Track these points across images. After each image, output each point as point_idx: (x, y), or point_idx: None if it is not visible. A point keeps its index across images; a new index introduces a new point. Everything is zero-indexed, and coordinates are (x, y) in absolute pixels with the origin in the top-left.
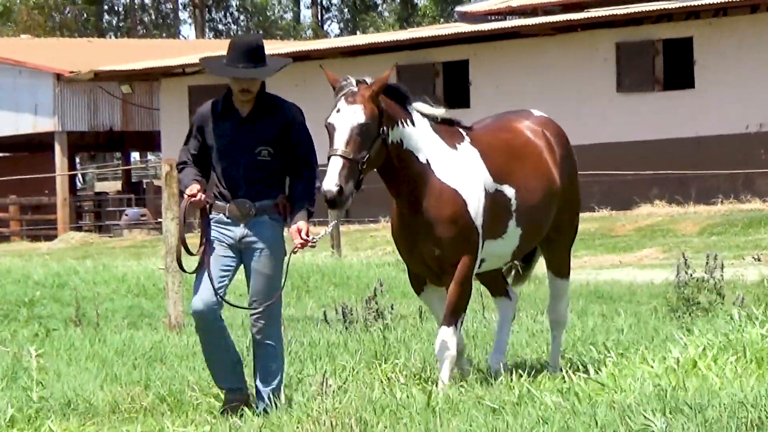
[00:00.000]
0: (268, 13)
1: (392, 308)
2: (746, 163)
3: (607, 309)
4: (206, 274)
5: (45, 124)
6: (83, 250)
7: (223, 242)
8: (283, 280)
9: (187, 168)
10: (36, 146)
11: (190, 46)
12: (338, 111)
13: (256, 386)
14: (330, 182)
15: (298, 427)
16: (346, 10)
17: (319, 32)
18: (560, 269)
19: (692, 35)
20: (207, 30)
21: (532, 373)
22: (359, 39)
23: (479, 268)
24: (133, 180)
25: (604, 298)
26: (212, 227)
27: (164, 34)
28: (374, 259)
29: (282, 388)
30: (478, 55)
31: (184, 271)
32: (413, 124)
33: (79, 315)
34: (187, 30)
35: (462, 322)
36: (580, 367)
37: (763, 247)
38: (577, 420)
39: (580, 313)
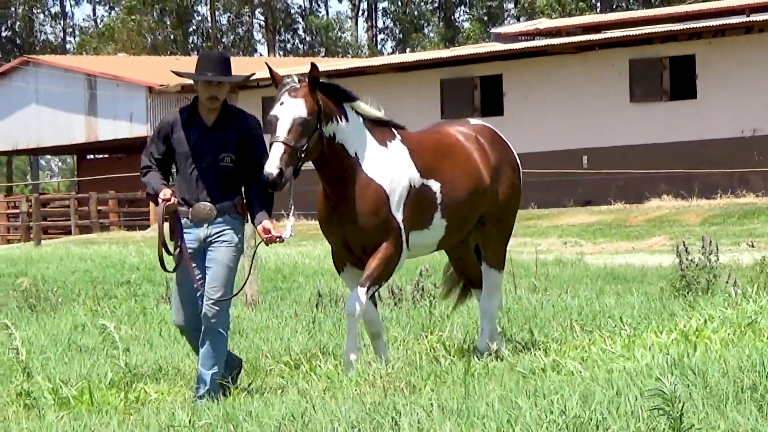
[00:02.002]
0: (330, 34)
1: (436, 287)
2: (742, 162)
3: (622, 289)
4: (183, 289)
5: (139, 129)
6: None
7: (191, 247)
8: (244, 273)
9: (152, 172)
10: (131, 149)
11: (263, 63)
12: (282, 104)
13: (199, 370)
14: (272, 165)
15: (356, 390)
16: (397, 30)
17: (374, 50)
18: (494, 260)
19: (695, 53)
20: (277, 49)
21: (558, 343)
22: (408, 56)
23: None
24: None
25: (618, 279)
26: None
27: (241, 53)
28: None
29: (221, 372)
30: (510, 71)
31: (165, 270)
32: (347, 120)
33: (168, 293)
34: (261, 48)
35: (376, 291)
36: (599, 338)
37: (757, 235)
38: (596, 384)
39: (598, 292)
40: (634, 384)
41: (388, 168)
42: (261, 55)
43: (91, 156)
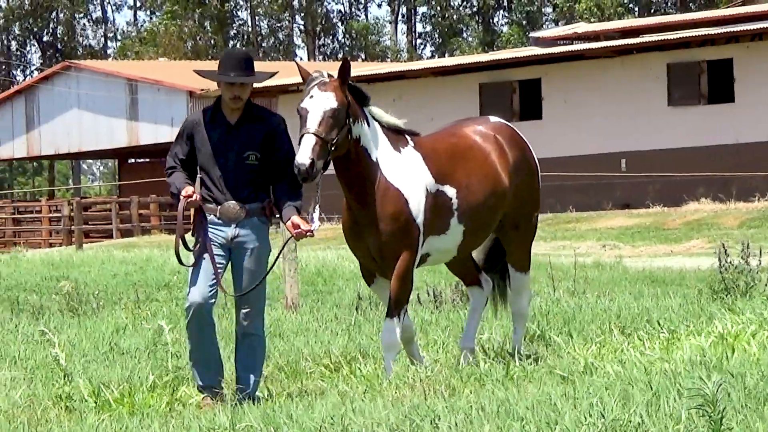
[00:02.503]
0: (369, 38)
1: None
2: None
3: (660, 291)
4: (201, 270)
5: None
6: None
7: (215, 242)
8: (267, 274)
9: (176, 172)
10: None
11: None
12: (311, 97)
13: (239, 376)
14: (304, 156)
15: (396, 392)
16: (436, 35)
17: (414, 54)
18: (519, 263)
19: (732, 57)
20: (317, 53)
21: (597, 345)
22: (448, 61)
23: (426, 262)
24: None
25: (657, 282)
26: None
27: (281, 57)
28: None
29: (260, 376)
30: (549, 74)
31: (182, 264)
32: (368, 124)
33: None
34: (301, 53)
35: (405, 312)
36: (637, 340)
37: None
38: (635, 387)
39: (636, 295)
40: (673, 386)
41: (405, 173)
42: (301, 59)
43: (132, 160)
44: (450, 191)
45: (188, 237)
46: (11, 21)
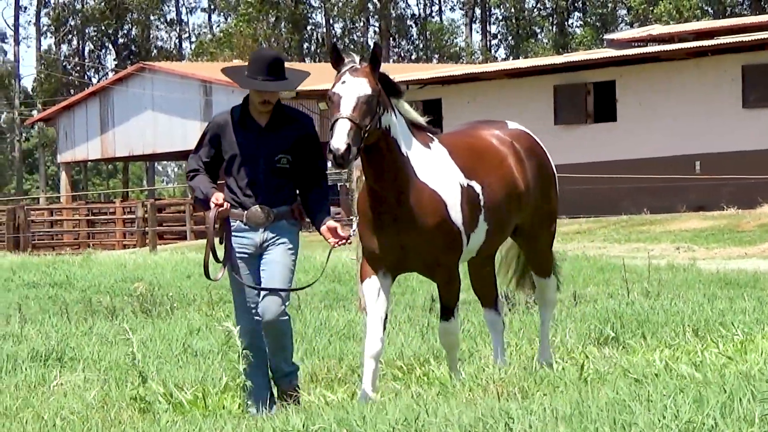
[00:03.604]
0: (443, 40)
1: None
2: None
3: (734, 294)
4: (243, 298)
5: None
6: None
7: (245, 252)
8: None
9: (200, 175)
10: None
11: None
12: (344, 82)
13: (275, 367)
14: (339, 141)
15: (469, 394)
16: (510, 37)
17: (488, 56)
18: (541, 268)
19: None
20: (391, 54)
21: (671, 348)
22: (522, 62)
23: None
24: (329, 182)
25: (731, 284)
26: (233, 235)
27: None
28: None
29: (297, 384)
30: (623, 76)
31: (209, 278)
32: (396, 116)
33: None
34: None
35: (458, 309)
36: (711, 342)
37: None
38: (708, 389)
39: (710, 297)
40: (747, 388)
41: (437, 170)
42: None
43: None
44: (477, 187)
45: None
46: (87, 23)
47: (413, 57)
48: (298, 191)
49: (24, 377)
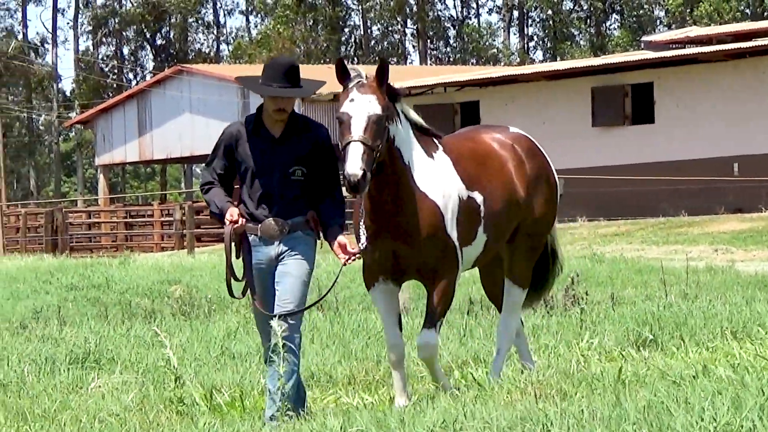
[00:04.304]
0: (481, 42)
1: (587, 295)
2: None
3: None
4: (262, 316)
5: None
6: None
7: (260, 267)
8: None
9: (214, 188)
10: None
11: (415, 71)
12: (352, 100)
13: (270, 389)
14: (354, 166)
15: (507, 396)
16: (547, 39)
17: (525, 58)
18: (520, 278)
19: None
20: (429, 57)
21: (709, 350)
22: (559, 64)
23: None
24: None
25: None
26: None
27: (392, 61)
28: (573, 253)
29: (297, 387)
30: (661, 78)
31: (233, 296)
32: (401, 122)
33: (321, 301)
34: (413, 57)
35: (441, 324)
36: (749, 344)
37: None
38: (746, 391)
39: (749, 299)
40: None
41: (438, 181)
42: (412, 63)
43: None
44: (478, 198)
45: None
46: (125, 26)
47: (451, 59)
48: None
49: (62, 379)
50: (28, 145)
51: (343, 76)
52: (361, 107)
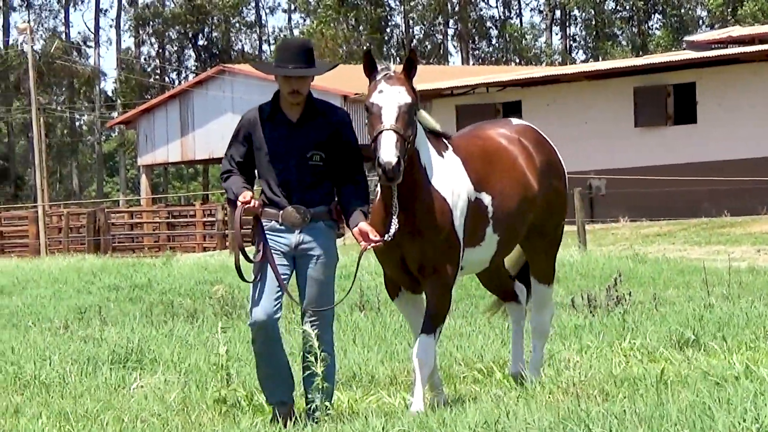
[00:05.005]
0: (523, 42)
1: (630, 295)
2: None
3: None
4: (264, 283)
5: None
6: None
7: (278, 250)
8: (336, 287)
9: (233, 176)
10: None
11: (457, 71)
12: (381, 92)
13: (308, 397)
14: (389, 153)
15: (549, 397)
16: (589, 39)
17: (567, 58)
18: (543, 275)
19: None
20: (471, 57)
21: (751, 350)
22: (601, 64)
23: (458, 276)
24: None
25: None
26: (266, 234)
27: (434, 61)
28: (615, 254)
29: (334, 392)
30: (703, 78)
31: (243, 279)
32: (419, 124)
33: (362, 301)
34: (455, 58)
35: (440, 331)
36: None
37: None
38: None
39: None
40: None
41: (449, 180)
42: (454, 63)
43: None
44: (486, 198)
45: (248, 249)
46: (167, 26)
47: (493, 59)
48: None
49: (104, 379)
50: (71, 145)
51: (371, 69)
52: (391, 97)
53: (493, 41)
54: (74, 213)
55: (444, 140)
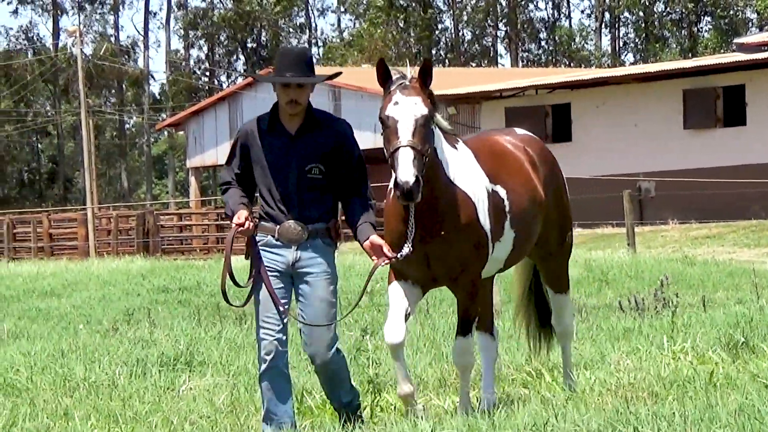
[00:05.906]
0: (572, 44)
1: (678, 297)
2: None
3: None
4: (267, 312)
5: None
6: None
7: (275, 269)
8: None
9: (232, 189)
10: (375, 159)
11: (506, 74)
12: (396, 104)
13: (335, 399)
14: (407, 173)
15: (599, 399)
16: (638, 41)
17: (616, 60)
18: (557, 284)
19: None
20: (520, 59)
21: None
22: (651, 67)
23: None
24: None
25: None
26: (260, 251)
27: (483, 63)
28: (664, 256)
29: (359, 403)
30: (753, 80)
31: (229, 303)
32: (434, 125)
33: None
34: (505, 60)
35: (496, 330)
36: None
37: None
38: None
39: None
40: None
41: (466, 173)
42: (504, 65)
43: None
44: (502, 192)
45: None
46: (217, 28)
47: (542, 61)
48: (339, 204)
49: (153, 381)
50: (120, 147)
51: (385, 77)
52: (407, 110)
53: (543, 43)
54: (123, 215)
55: (454, 137)
